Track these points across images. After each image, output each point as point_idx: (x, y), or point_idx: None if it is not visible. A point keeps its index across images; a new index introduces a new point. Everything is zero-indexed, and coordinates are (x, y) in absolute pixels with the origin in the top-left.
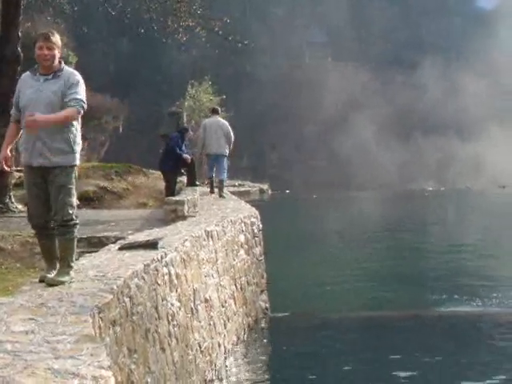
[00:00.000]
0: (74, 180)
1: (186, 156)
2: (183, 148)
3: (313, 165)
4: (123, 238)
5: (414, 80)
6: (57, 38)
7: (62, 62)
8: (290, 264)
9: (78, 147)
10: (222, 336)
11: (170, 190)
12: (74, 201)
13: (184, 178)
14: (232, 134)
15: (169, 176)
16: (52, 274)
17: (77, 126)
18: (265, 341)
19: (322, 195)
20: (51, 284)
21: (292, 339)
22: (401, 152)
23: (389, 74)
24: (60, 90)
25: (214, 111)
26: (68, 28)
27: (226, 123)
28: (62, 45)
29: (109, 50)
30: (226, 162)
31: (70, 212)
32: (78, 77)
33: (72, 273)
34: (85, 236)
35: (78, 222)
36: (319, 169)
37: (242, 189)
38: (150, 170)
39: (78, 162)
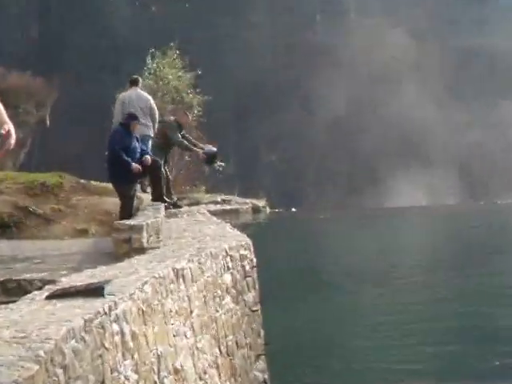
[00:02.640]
0: None
1: (135, 165)
2: (133, 147)
3: (331, 169)
4: (54, 282)
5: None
6: None
7: None
8: (298, 316)
9: None
10: None
11: (127, 210)
12: None
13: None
14: (156, 111)
15: (123, 190)
16: None
17: None
18: None
19: (342, 213)
20: None
21: None
22: None
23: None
24: None
25: (133, 82)
26: None
27: (149, 96)
28: None
29: (28, 7)
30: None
31: None
32: None
33: None
34: None
35: None
36: (340, 174)
37: (227, 207)
38: (94, 182)
39: None
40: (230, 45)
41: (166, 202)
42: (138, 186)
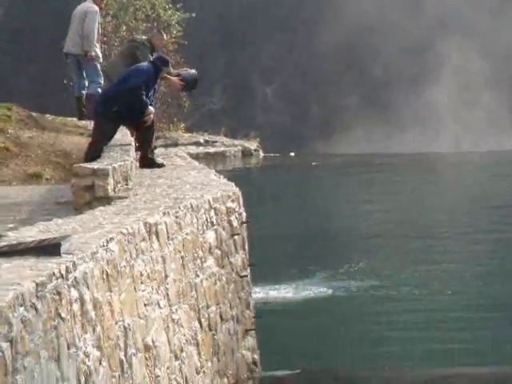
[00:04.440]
0: None
1: (151, 109)
2: (150, 94)
3: (340, 102)
4: None
5: None
6: None
7: None
8: (297, 284)
9: None
10: None
11: (96, 149)
12: None
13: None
14: (95, 26)
15: (110, 129)
16: None
17: None
18: None
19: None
20: None
21: None
22: None
23: None
24: None
25: None
26: None
27: (95, 10)
28: None
29: None
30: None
31: None
32: None
33: None
34: None
35: None
36: (352, 108)
37: (211, 149)
38: (49, 115)
39: None
40: None
41: (153, 163)
42: None
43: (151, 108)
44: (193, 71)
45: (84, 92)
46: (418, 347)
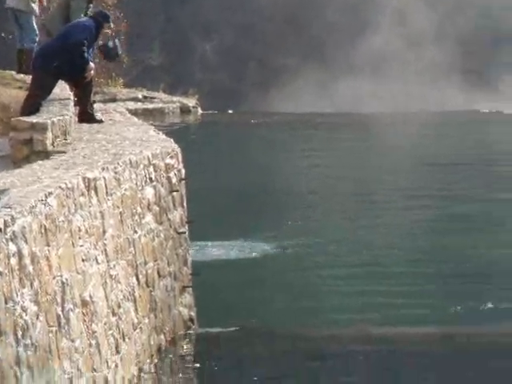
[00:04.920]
0: None
1: (92, 65)
2: (90, 50)
3: (280, 60)
4: None
5: None
6: None
7: None
8: (235, 241)
9: None
10: (113, 367)
11: (34, 103)
12: None
13: None
14: None
15: (49, 83)
16: None
17: None
18: (188, 376)
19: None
20: None
21: (237, 373)
22: None
23: None
24: None
25: None
26: None
27: None
28: None
29: None
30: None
31: None
32: None
33: None
34: None
35: None
36: (292, 66)
37: (149, 105)
38: None
39: None
40: None
41: (92, 118)
42: None
43: (92, 64)
44: (110, 44)
45: (25, 45)
46: (357, 301)
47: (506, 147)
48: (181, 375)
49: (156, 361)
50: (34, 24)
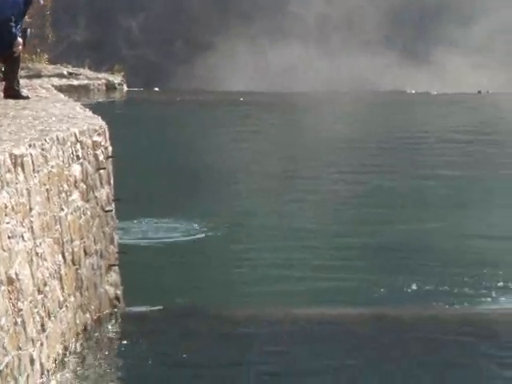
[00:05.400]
0: None
1: (19, 40)
2: (18, 26)
3: (206, 38)
4: None
5: None
6: None
7: None
8: (162, 220)
9: None
10: (38, 345)
11: None
12: None
13: None
14: None
15: None
16: None
17: None
18: (113, 355)
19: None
20: None
21: (164, 353)
22: None
23: None
24: None
25: None
26: None
27: None
28: None
29: None
30: None
31: None
32: None
33: None
34: None
35: None
36: (218, 44)
37: (75, 82)
38: None
39: None
40: None
41: (19, 94)
42: None
43: (20, 39)
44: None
45: None
46: (280, 286)
47: (431, 128)
48: (106, 353)
49: (82, 339)
50: None
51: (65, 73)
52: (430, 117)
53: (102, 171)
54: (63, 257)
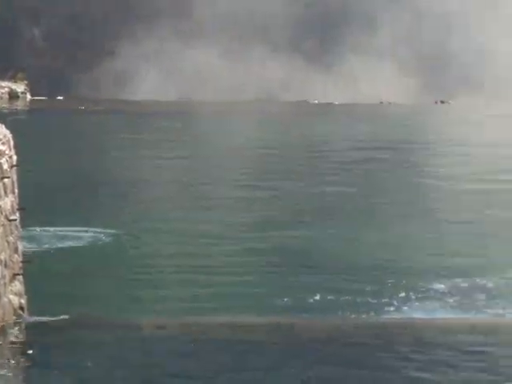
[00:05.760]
0: None
1: None
2: None
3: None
4: None
5: None
6: None
7: None
8: (67, 228)
9: None
10: None
11: None
12: None
13: None
14: None
15: None
16: None
17: None
18: (16, 364)
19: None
20: None
21: (65, 361)
22: None
23: None
24: None
25: None
26: None
27: None
28: None
29: None
30: None
31: None
32: None
33: None
34: None
35: None
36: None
37: None
38: None
39: None
40: None
41: None
42: None
43: None
44: None
45: None
46: (185, 291)
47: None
48: (11, 362)
49: None
50: None
51: None
52: (331, 127)
53: (6, 180)
54: None
